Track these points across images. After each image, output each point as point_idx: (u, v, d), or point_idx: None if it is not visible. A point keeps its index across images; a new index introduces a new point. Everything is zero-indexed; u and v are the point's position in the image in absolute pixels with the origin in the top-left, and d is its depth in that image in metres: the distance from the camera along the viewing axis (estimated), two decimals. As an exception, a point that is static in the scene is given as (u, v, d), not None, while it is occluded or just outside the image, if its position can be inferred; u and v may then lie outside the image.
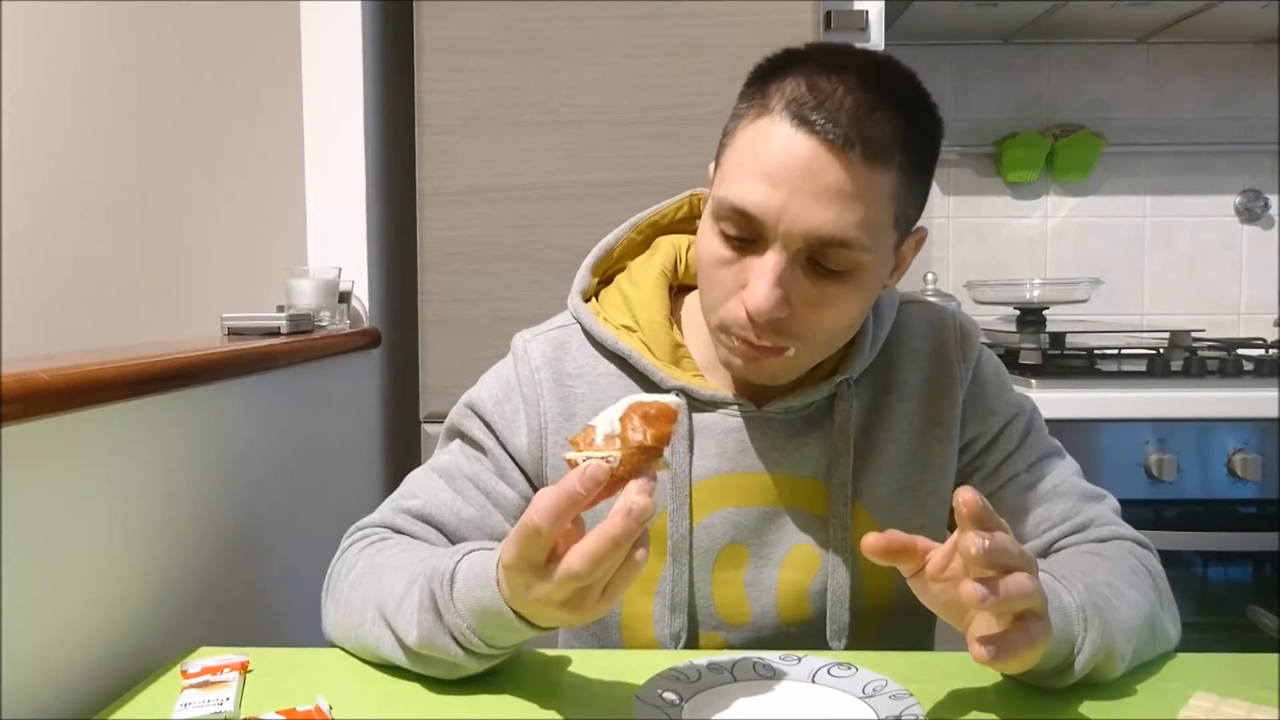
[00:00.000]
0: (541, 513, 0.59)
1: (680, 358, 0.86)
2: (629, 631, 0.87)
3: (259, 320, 1.32)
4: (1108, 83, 2.23)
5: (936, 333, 0.89)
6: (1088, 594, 0.70)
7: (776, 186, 0.71)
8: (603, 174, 1.53)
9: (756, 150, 0.73)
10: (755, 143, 0.73)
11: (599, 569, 0.58)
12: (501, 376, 0.89)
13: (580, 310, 0.89)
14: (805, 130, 0.71)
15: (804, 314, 0.75)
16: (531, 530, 0.59)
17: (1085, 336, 1.87)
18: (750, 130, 0.74)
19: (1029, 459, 0.89)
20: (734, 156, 0.75)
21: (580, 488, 0.58)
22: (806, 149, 0.71)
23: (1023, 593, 0.60)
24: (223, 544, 1.04)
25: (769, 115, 0.73)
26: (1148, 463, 1.54)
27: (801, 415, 0.85)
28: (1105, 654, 0.69)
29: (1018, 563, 0.61)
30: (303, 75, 1.62)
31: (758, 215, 0.72)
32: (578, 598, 0.61)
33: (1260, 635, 1.57)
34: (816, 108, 0.70)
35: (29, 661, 0.71)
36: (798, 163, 0.71)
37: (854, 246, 0.72)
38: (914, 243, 0.83)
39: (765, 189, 0.71)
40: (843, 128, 0.70)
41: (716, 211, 0.75)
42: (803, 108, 0.71)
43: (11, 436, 0.68)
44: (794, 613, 0.86)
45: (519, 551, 0.60)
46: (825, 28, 1.73)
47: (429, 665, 0.73)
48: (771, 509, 0.85)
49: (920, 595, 0.67)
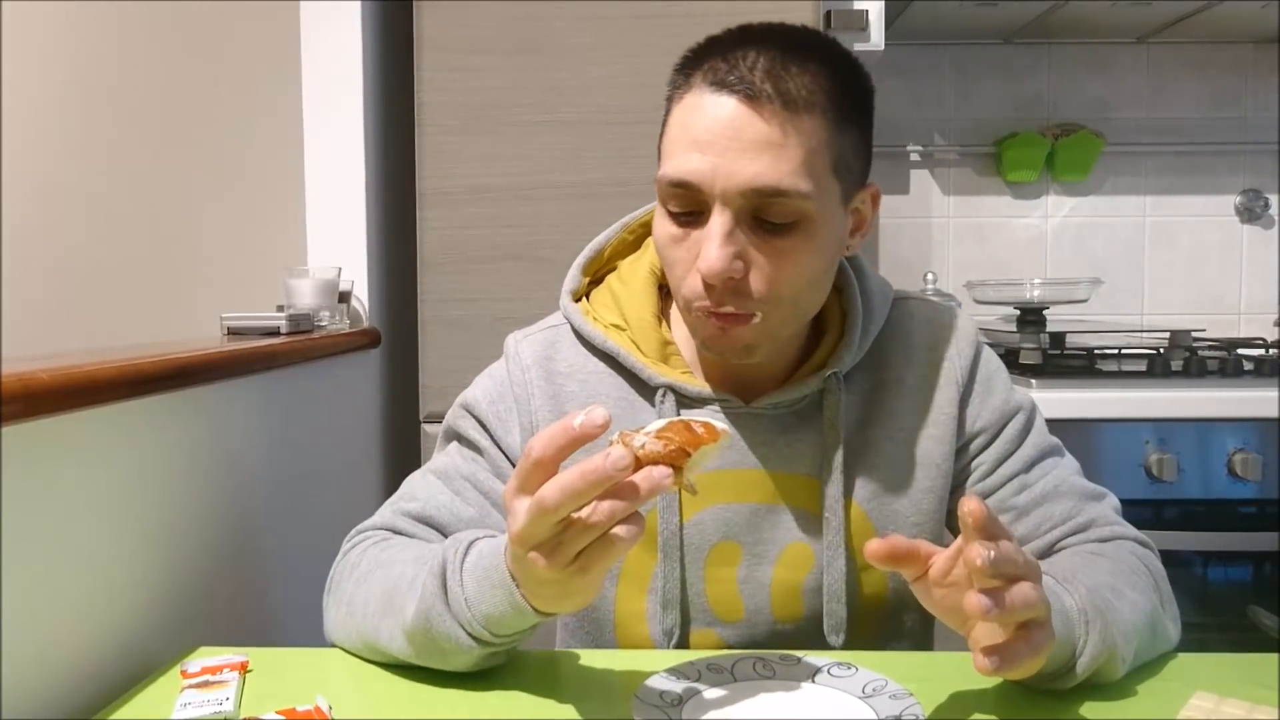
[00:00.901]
0: (537, 437, 0.60)
1: (669, 355, 0.86)
2: (623, 629, 0.87)
3: (259, 320, 1.32)
4: (1108, 83, 2.23)
5: (934, 330, 0.89)
6: (1089, 596, 0.70)
7: (705, 150, 0.73)
8: (602, 174, 1.53)
9: (684, 124, 0.76)
10: (682, 119, 0.76)
11: (567, 502, 0.58)
12: (495, 377, 0.90)
13: (570, 310, 0.89)
14: (724, 92, 0.73)
15: (761, 274, 0.75)
16: (528, 456, 0.60)
17: (1085, 336, 1.87)
18: (676, 110, 0.77)
19: (1029, 458, 0.88)
20: (667, 138, 0.78)
21: (578, 427, 0.59)
22: (727, 108, 0.73)
23: (1027, 603, 0.60)
24: (223, 544, 1.04)
25: (691, 91, 0.76)
26: (1148, 463, 1.54)
27: (791, 411, 0.85)
28: (1107, 656, 0.69)
29: (1022, 571, 0.61)
30: (303, 75, 1.62)
31: (694, 180, 0.74)
32: (549, 546, 0.61)
33: (1260, 635, 1.56)
34: (730, 70, 0.74)
35: (29, 661, 0.71)
36: (720, 124, 0.73)
37: (792, 194, 0.73)
38: (868, 197, 0.83)
39: (696, 156, 0.74)
40: (758, 83, 0.73)
41: (661, 194, 0.78)
42: (719, 74, 0.74)
43: (11, 436, 0.68)
44: (788, 610, 0.86)
45: (517, 481, 0.62)
46: (825, 27, 1.73)
47: (424, 652, 0.73)
48: (764, 506, 0.85)
49: (923, 600, 0.67)
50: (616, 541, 0.60)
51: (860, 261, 0.90)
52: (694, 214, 0.76)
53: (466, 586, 0.69)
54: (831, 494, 0.84)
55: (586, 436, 0.59)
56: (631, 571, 0.86)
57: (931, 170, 2.25)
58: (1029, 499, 0.87)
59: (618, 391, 0.86)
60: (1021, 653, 0.61)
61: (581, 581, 0.63)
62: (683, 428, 0.62)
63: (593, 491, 0.58)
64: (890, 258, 2.25)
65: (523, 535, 0.61)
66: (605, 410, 0.59)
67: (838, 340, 0.86)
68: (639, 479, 0.59)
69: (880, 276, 0.91)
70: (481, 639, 0.70)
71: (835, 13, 1.76)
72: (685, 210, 0.76)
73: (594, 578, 0.63)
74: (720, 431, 0.62)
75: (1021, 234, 2.26)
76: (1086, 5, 1.95)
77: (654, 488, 0.59)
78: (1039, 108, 2.23)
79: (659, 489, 0.59)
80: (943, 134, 2.24)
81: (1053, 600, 0.67)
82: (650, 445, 0.60)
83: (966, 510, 0.60)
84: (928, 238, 2.26)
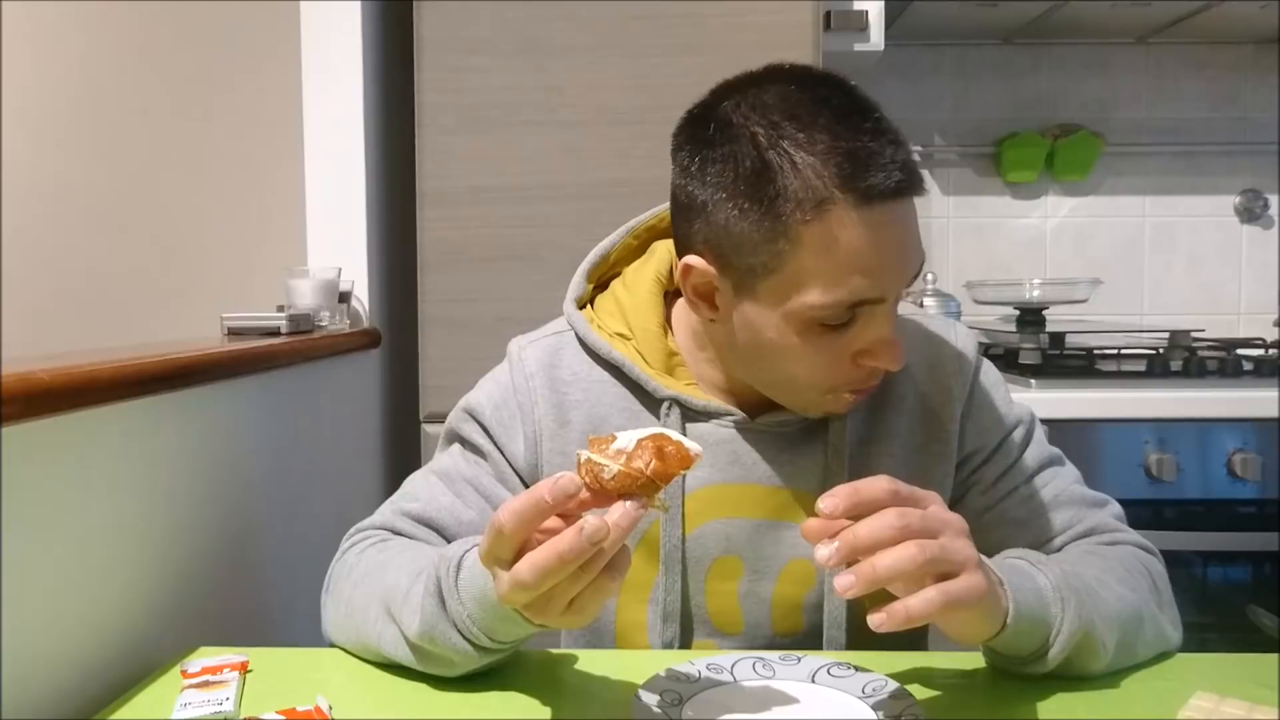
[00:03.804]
0: (507, 513, 0.59)
1: (674, 366, 0.86)
2: (623, 639, 0.87)
3: (259, 320, 1.32)
4: (1108, 83, 2.23)
5: (934, 347, 0.89)
6: (1064, 577, 0.70)
7: (889, 266, 0.71)
8: (602, 174, 1.53)
9: (850, 249, 0.69)
10: (837, 243, 0.69)
11: (546, 581, 0.58)
12: (499, 382, 0.89)
13: (574, 317, 0.88)
14: (880, 202, 0.69)
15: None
16: (496, 529, 0.60)
17: (1085, 336, 1.87)
18: (814, 232, 0.69)
19: (1029, 470, 0.88)
20: (810, 264, 0.70)
21: (548, 496, 0.58)
22: (897, 213, 0.70)
23: (896, 565, 0.59)
24: (223, 544, 1.04)
25: (829, 208, 0.69)
26: (1148, 463, 1.54)
27: (795, 429, 0.85)
28: (1084, 635, 0.69)
29: (908, 534, 0.60)
30: (303, 75, 1.62)
31: (880, 295, 0.72)
32: (539, 604, 0.61)
33: (1260, 635, 1.57)
34: (877, 169, 0.68)
35: (29, 661, 0.71)
36: (900, 231, 0.71)
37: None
38: None
39: (880, 274, 0.71)
40: (899, 170, 0.69)
41: (812, 315, 0.72)
42: (856, 179, 0.68)
43: (11, 436, 0.68)
44: (787, 624, 0.86)
45: (487, 547, 0.61)
46: (825, 28, 1.73)
47: (429, 660, 0.73)
48: (766, 522, 0.85)
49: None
50: (607, 583, 0.60)
51: None
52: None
53: (466, 604, 0.68)
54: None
55: (556, 509, 0.59)
56: (633, 582, 0.86)
57: (931, 170, 2.25)
58: (1030, 510, 0.87)
59: (622, 401, 0.86)
60: (930, 599, 0.59)
61: (576, 620, 0.62)
62: (655, 450, 0.60)
63: (570, 568, 0.58)
64: (890, 258, 2.25)
65: (508, 599, 0.61)
66: (575, 478, 0.59)
67: None
68: (613, 524, 0.57)
69: None
70: (488, 648, 0.70)
71: (835, 13, 1.76)
72: (847, 319, 0.73)
73: (589, 615, 0.62)
74: (692, 456, 0.61)
75: (1021, 234, 2.26)
76: (1086, 5, 1.95)
77: (630, 525, 0.58)
78: (1039, 108, 2.23)
79: (634, 524, 0.58)
80: (943, 134, 2.24)
81: (1025, 580, 0.68)
82: (618, 479, 0.59)
83: (819, 509, 0.61)
84: (927, 238, 2.25)
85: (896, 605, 0.59)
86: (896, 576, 0.60)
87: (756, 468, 0.84)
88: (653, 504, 0.60)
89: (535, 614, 0.62)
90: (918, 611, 0.59)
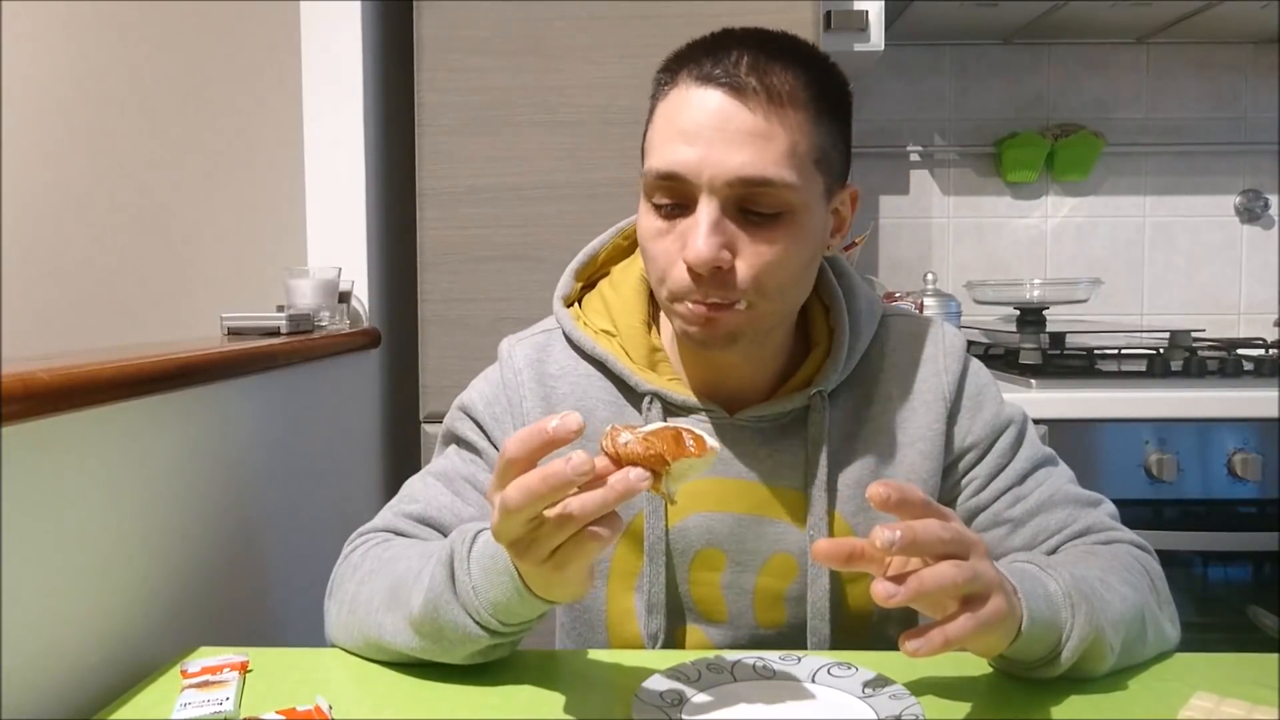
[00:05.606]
0: (513, 440, 0.60)
1: (657, 362, 0.87)
2: (614, 626, 0.88)
3: (259, 320, 1.32)
4: (1107, 83, 2.23)
5: (921, 345, 0.89)
6: (1074, 582, 0.71)
7: (693, 141, 0.74)
8: (602, 174, 1.53)
9: (670, 118, 0.77)
10: (667, 113, 0.78)
11: (529, 504, 0.58)
12: (489, 380, 0.91)
13: (561, 315, 0.91)
14: (710, 86, 0.75)
15: (747, 264, 0.76)
16: (503, 457, 0.61)
17: (1085, 336, 1.87)
18: (661, 106, 0.79)
19: (1022, 471, 0.88)
20: (652, 133, 0.79)
21: (552, 430, 0.59)
22: (714, 101, 0.74)
23: (941, 582, 0.60)
24: (223, 544, 1.04)
25: (676, 87, 0.77)
26: (1148, 463, 1.54)
27: (775, 425, 0.85)
28: (1093, 640, 0.69)
29: (949, 549, 0.61)
30: (303, 75, 1.62)
31: (682, 171, 0.75)
32: (523, 545, 0.62)
33: (1260, 635, 1.57)
34: (715, 65, 0.75)
35: (29, 661, 0.71)
36: (707, 115, 0.74)
37: (778, 184, 0.74)
38: (847, 198, 0.84)
39: (684, 147, 0.75)
40: (743, 76, 0.74)
41: (647, 187, 0.79)
42: (704, 69, 0.76)
43: (11, 436, 0.68)
44: (770, 616, 0.87)
45: (495, 478, 0.62)
46: (825, 28, 1.73)
47: (428, 643, 0.73)
48: (749, 516, 0.85)
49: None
50: (590, 540, 0.60)
51: (851, 279, 0.90)
52: (679, 206, 0.77)
53: (473, 574, 0.69)
54: (816, 510, 0.84)
55: (559, 440, 0.59)
56: (620, 571, 0.87)
57: (931, 170, 2.25)
58: (1024, 511, 0.87)
59: (607, 395, 0.87)
60: (965, 626, 0.60)
61: (560, 576, 0.63)
62: (673, 436, 0.61)
63: (554, 494, 0.58)
64: (890, 258, 2.25)
65: (496, 531, 0.63)
66: (579, 417, 0.59)
67: (824, 357, 0.86)
68: (613, 479, 0.59)
69: (871, 293, 0.91)
70: (489, 627, 0.70)
71: (835, 13, 1.76)
72: (671, 202, 0.77)
73: (572, 573, 0.63)
74: (709, 448, 0.62)
75: (1021, 234, 2.26)
76: (1086, 5, 1.95)
77: (628, 489, 0.59)
78: (1039, 108, 2.24)
79: (633, 491, 0.59)
80: (943, 134, 2.24)
81: (1035, 586, 0.68)
82: (632, 445, 0.60)
83: (869, 495, 0.61)
84: (927, 238, 2.26)
85: (934, 632, 0.60)
86: (940, 595, 0.61)
87: (737, 463, 0.85)
88: (658, 487, 0.61)
89: (519, 555, 0.63)
90: (955, 637, 0.60)
